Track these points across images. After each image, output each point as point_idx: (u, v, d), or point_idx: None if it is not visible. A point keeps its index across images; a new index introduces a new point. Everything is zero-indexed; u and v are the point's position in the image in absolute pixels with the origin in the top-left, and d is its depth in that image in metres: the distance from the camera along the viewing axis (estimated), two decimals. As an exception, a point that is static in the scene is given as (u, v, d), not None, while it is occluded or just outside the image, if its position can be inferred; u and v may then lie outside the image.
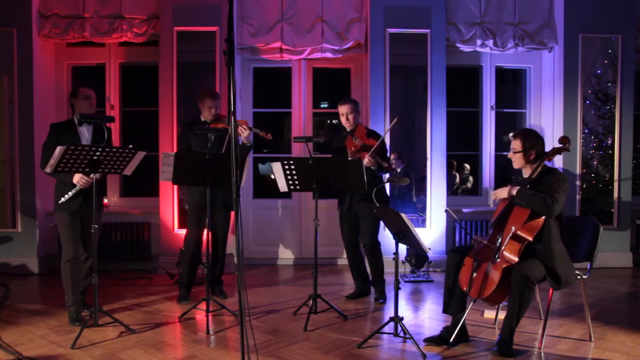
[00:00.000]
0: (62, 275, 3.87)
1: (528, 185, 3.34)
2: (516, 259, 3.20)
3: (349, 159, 4.33)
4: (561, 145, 3.47)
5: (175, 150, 5.37)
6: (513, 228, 3.27)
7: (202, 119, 4.57)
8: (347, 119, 4.51)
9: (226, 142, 4.38)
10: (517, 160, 3.43)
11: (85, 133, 3.95)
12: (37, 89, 5.46)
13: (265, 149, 6.57)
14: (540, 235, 3.26)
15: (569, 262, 3.36)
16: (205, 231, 4.51)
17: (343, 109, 4.53)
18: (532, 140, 3.39)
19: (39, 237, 5.47)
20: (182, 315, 4.04)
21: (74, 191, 3.80)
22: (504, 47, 5.80)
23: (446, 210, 3.80)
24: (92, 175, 3.69)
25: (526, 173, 3.45)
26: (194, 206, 4.50)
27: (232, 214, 4.71)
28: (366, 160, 4.19)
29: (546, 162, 3.42)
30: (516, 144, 3.41)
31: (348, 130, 4.54)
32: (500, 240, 3.31)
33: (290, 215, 6.07)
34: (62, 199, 3.81)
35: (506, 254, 3.24)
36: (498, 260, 3.25)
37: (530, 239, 3.23)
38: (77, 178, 3.75)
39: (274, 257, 6.06)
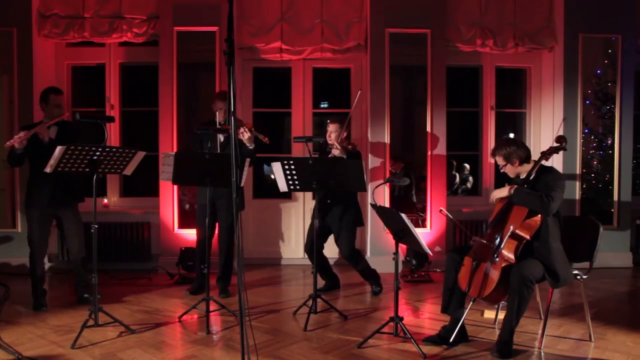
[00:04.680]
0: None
1: (525, 185, 3.35)
2: (513, 259, 3.22)
3: (348, 159, 4.34)
4: (558, 145, 3.50)
5: (174, 150, 5.40)
6: (512, 227, 3.27)
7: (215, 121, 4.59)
8: (329, 137, 4.61)
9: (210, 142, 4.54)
10: (508, 172, 3.50)
11: (50, 134, 4.13)
12: (37, 89, 5.43)
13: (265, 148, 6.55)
14: (538, 233, 3.27)
15: (566, 261, 3.38)
16: (214, 229, 4.65)
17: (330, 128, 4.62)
18: (507, 150, 3.42)
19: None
20: (182, 315, 4.04)
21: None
22: (504, 47, 5.80)
23: (440, 211, 3.79)
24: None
25: (523, 174, 3.46)
26: (203, 205, 4.47)
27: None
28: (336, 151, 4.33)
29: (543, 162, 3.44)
30: (499, 160, 3.47)
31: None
32: (499, 239, 3.32)
33: (291, 215, 6.06)
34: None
35: (505, 252, 3.25)
36: (497, 259, 3.26)
37: (528, 237, 3.25)
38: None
39: (274, 257, 6.05)
